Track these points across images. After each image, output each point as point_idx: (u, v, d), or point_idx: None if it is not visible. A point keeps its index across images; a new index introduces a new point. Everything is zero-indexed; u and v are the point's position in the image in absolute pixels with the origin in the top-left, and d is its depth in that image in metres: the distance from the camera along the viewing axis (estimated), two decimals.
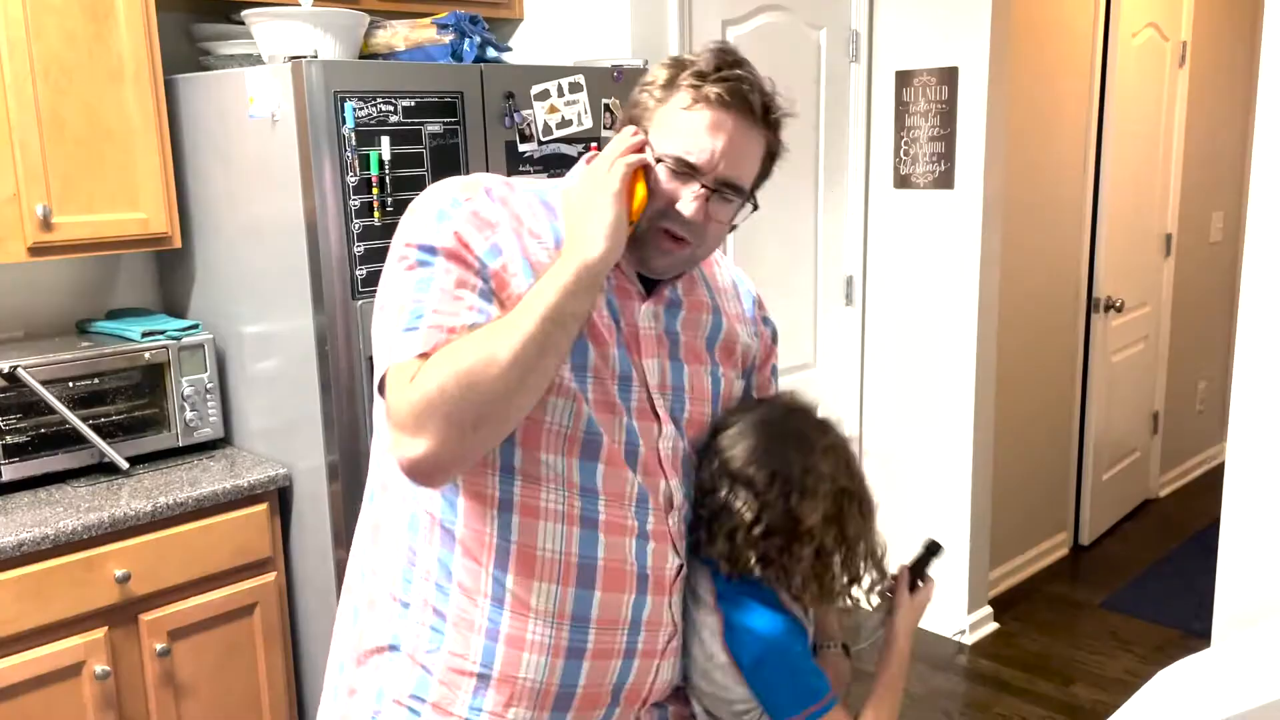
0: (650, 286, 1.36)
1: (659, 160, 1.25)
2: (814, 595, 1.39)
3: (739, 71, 1.27)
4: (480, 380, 1.13)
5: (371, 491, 1.39)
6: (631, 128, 1.27)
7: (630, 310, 1.34)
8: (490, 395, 1.14)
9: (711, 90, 1.24)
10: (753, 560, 1.35)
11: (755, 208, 1.35)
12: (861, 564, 1.43)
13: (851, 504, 1.40)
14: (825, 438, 1.42)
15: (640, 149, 1.24)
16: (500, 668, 1.29)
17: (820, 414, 1.47)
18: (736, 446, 1.37)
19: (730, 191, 1.29)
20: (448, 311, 1.19)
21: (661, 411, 1.35)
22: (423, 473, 1.17)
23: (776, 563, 1.35)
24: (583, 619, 1.29)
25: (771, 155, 1.35)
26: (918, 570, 1.57)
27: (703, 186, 1.26)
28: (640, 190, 1.23)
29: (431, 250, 1.22)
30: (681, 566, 1.38)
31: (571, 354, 1.25)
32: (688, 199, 1.26)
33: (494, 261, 1.24)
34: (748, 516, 1.34)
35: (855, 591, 1.46)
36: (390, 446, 1.19)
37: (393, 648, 1.34)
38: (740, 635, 1.37)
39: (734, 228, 1.37)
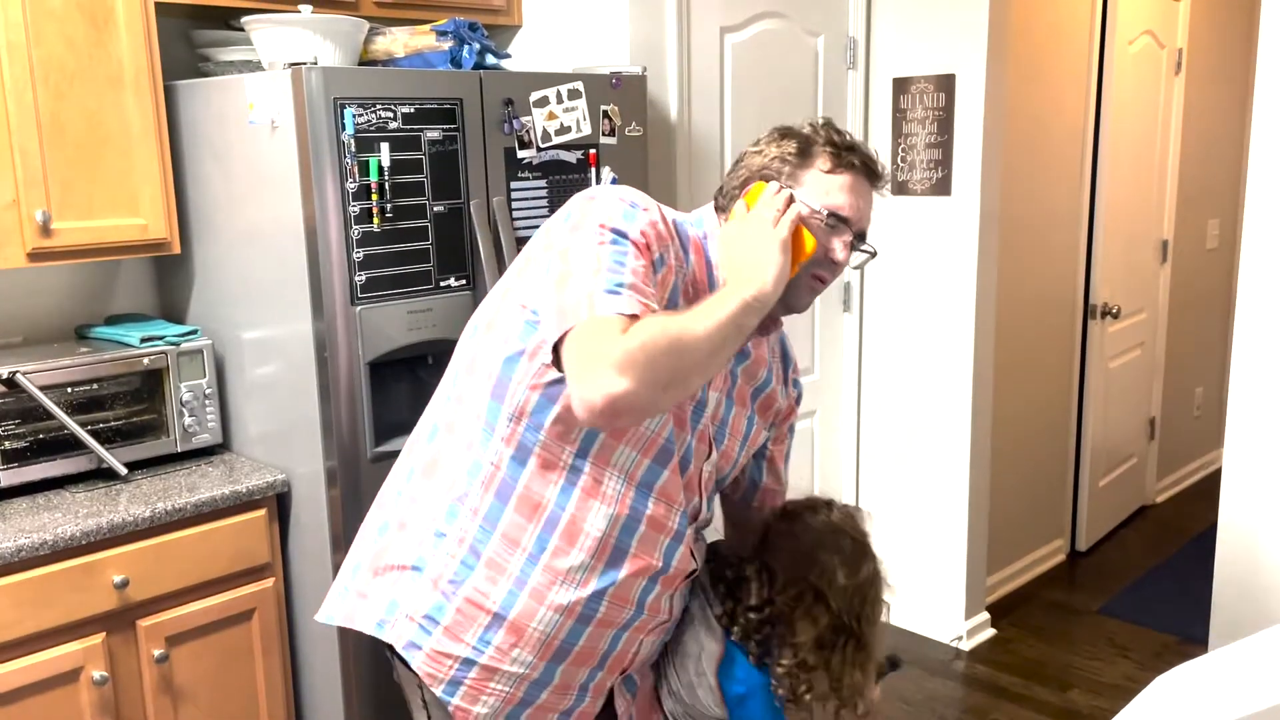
0: None
1: (814, 214, 1.46)
2: (783, 691, 1.55)
3: (860, 146, 1.51)
4: (682, 348, 1.28)
5: (434, 428, 1.53)
6: (774, 184, 1.47)
7: None
8: (687, 362, 1.30)
9: (852, 159, 1.48)
10: (740, 634, 1.54)
11: (875, 254, 1.57)
12: (835, 691, 1.55)
13: (847, 642, 1.53)
14: (856, 576, 1.56)
15: (789, 201, 1.44)
16: (516, 614, 1.45)
17: (869, 548, 1.61)
18: (782, 537, 1.56)
19: (862, 240, 1.53)
20: (644, 289, 1.33)
21: (714, 435, 1.55)
22: (616, 410, 1.27)
23: (761, 646, 1.53)
24: (601, 592, 1.47)
25: None
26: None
27: (850, 237, 1.49)
28: (810, 242, 1.44)
29: (624, 236, 1.35)
30: (695, 570, 1.58)
31: None
32: (840, 248, 1.48)
33: (661, 266, 1.40)
34: (752, 601, 1.53)
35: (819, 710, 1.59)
36: (583, 386, 1.27)
37: (415, 569, 1.50)
38: (735, 671, 1.54)
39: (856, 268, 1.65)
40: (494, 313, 1.47)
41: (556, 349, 1.33)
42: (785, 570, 1.54)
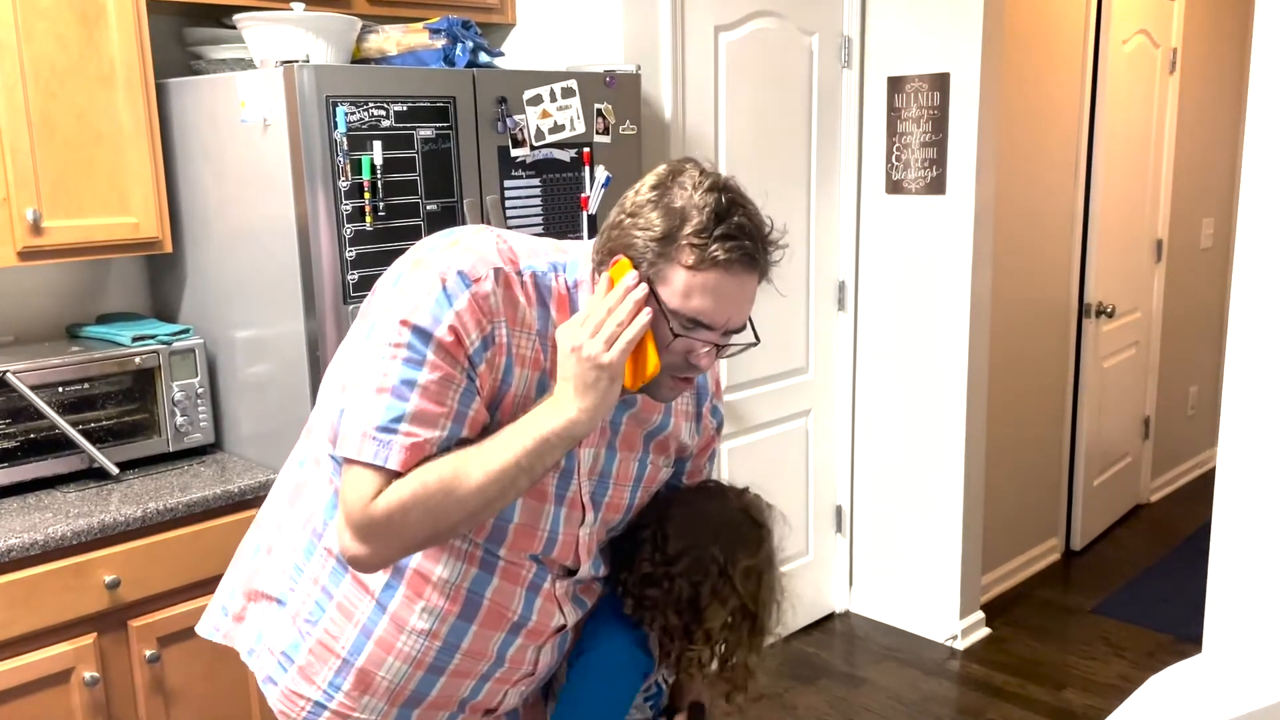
0: None
1: (670, 314, 1.25)
2: (672, 663, 1.49)
3: (738, 220, 1.24)
4: (441, 512, 1.22)
5: (302, 458, 1.46)
6: (633, 274, 1.24)
7: None
8: (447, 525, 1.25)
9: (718, 253, 1.22)
10: (636, 608, 1.46)
11: (758, 342, 1.38)
12: (724, 668, 1.51)
13: (744, 623, 1.48)
14: (755, 557, 1.48)
15: (642, 305, 1.23)
16: (364, 661, 1.39)
17: (767, 528, 1.52)
18: (678, 519, 1.46)
19: (734, 334, 1.32)
20: (425, 422, 1.22)
21: (588, 500, 1.41)
22: (360, 568, 1.29)
23: (662, 626, 1.46)
24: (453, 645, 1.39)
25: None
26: None
27: (715, 342, 1.29)
28: (653, 361, 1.26)
29: (426, 339, 1.22)
30: (564, 626, 1.47)
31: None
32: (700, 353, 1.29)
33: (482, 356, 1.25)
34: (645, 569, 1.44)
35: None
36: (335, 529, 1.30)
37: (279, 602, 1.45)
38: (583, 643, 1.48)
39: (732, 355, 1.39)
40: (341, 353, 1.38)
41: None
42: (685, 537, 1.45)
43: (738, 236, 1.23)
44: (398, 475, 1.23)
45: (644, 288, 1.24)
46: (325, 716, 1.43)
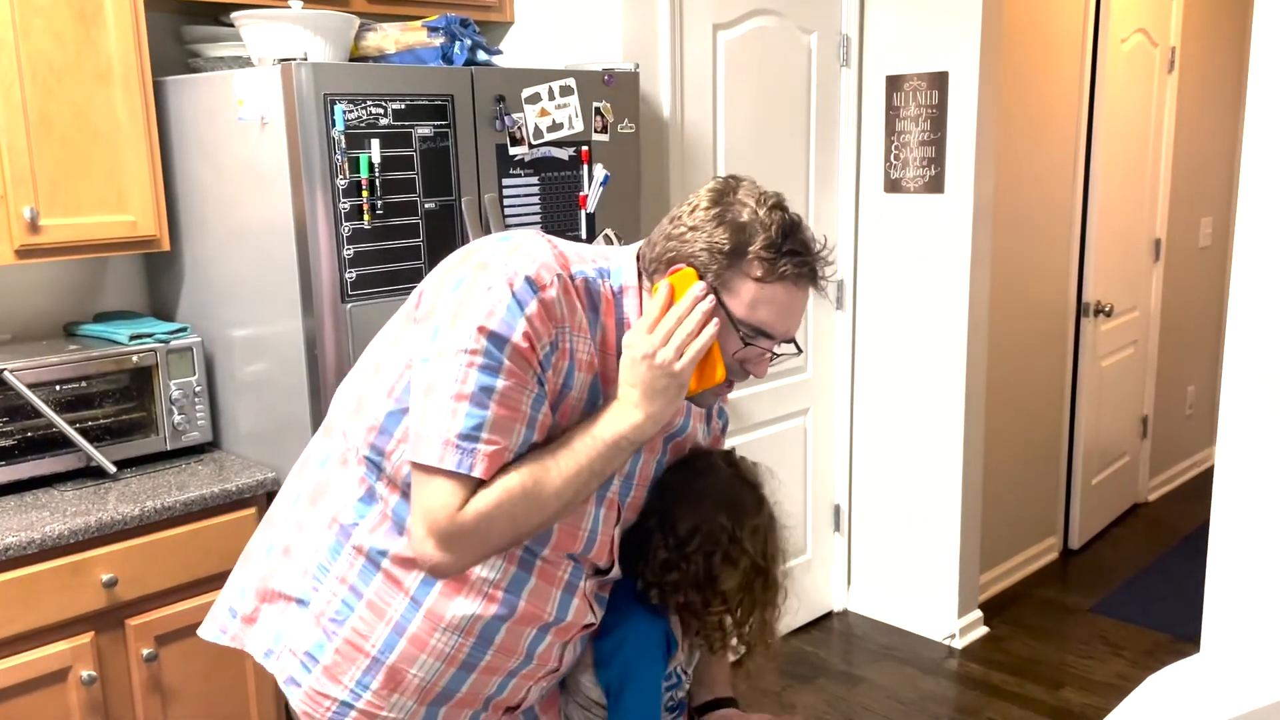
0: None
1: (737, 323, 1.33)
2: (697, 637, 1.54)
3: (803, 238, 1.34)
4: (525, 517, 1.27)
5: (323, 457, 1.45)
6: (701, 285, 1.31)
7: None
8: (528, 529, 1.30)
9: (787, 268, 1.32)
10: (660, 595, 1.49)
11: (800, 351, 1.47)
12: (743, 631, 1.55)
13: (757, 580, 1.51)
14: (758, 517, 1.52)
15: (711, 316, 1.31)
16: (395, 659, 1.39)
17: (764, 491, 1.57)
18: (681, 503, 1.49)
19: (787, 344, 1.40)
20: (504, 429, 1.26)
21: (616, 498, 1.45)
22: (439, 574, 1.32)
23: (681, 603, 1.50)
24: (486, 642, 1.40)
25: None
26: None
27: (769, 350, 1.37)
28: (720, 372, 1.34)
29: (502, 345, 1.25)
30: (592, 624, 1.50)
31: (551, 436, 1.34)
32: (759, 363, 1.38)
33: (550, 361, 1.30)
34: (661, 556, 1.48)
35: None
36: (413, 539, 1.29)
37: (300, 602, 1.44)
38: (607, 629, 1.51)
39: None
40: (381, 356, 1.40)
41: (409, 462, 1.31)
42: (691, 517, 1.49)
43: (803, 253, 1.33)
44: (481, 483, 1.26)
45: (711, 299, 1.31)
46: (352, 716, 1.42)
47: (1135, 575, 4.14)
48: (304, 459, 1.51)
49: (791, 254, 1.32)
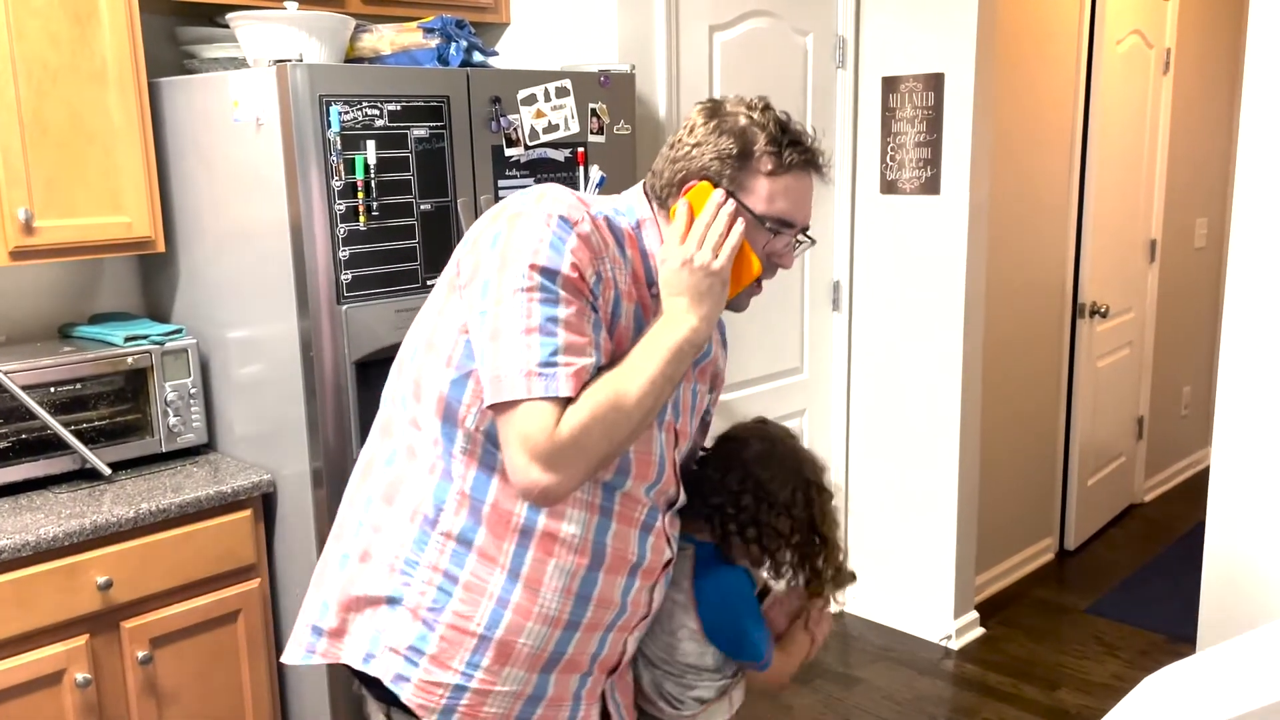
0: None
1: (760, 219, 1.43)
2: (804, 579, 1.69)
3: (798, 129, 1.46)
4: (616, 426, 1.31)
5: (389, 456, 1.48)
6: (719, 192, 1.41)
7: None
8: (621, 440, 1.33)
9: (793, 157, 1.44)
10: (780, 561, 1.65)
11: (814, 243, 1.58)
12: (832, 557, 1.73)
13: (821, 540, 1.69)
14: (820, 475, 1.72)
15: (735, 216, 1.40)
16: (503, 633, 1.42)
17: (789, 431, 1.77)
18: (775, 476, 1.64)
19: (807, 236, 1.51)
20: (577, 351, 1.32)
21: (673, 422, 1.52)
22: (549, 500, 1.34)
23: (781, 558, 1.66)
24: (586, 596, 1.45)
25: None
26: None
27: (796, 239, 1.48)
28: (755, 265, 1.43)
29: (554, 276, 1.32)
30: (669, 561, 1.56)
31: None
32: (786, 254, 1.48)
33: (599, 288, 1.37)
34: (784, 528, 1.63)
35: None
36: (516, 473, 1.32)
37: (391, 601, 1.45)
38: (708, 582, 1.63)
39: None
40: (432, 331, 1.43)
41: (491, 409, 1.34)
42: (786, 483, 1.64)
43: (803, 142, 1.45)
44: (569, 403, 1.30)
45: (732, 202, 1.41)
46: (466, 698, 1.44)
47: (1131, 576, 4.15)
48: (365, 465, 1.53)
49: (794, 144, 1.43)
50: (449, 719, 1.45)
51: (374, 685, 1.49)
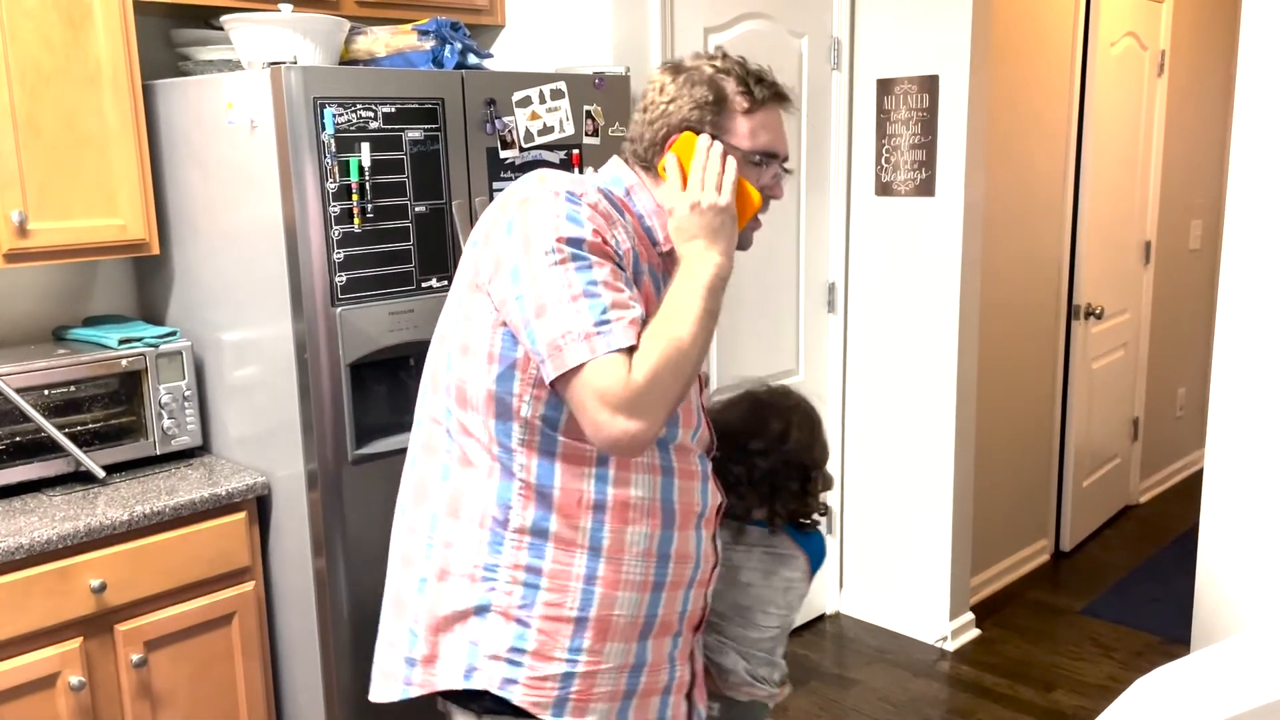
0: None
1: (747, 155, 1.49)
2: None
3: (759, 68, 1.53)
4: (680, 365, 1.33)
5: (442, 472, 1.50)
6: (705, 137, 1.47)
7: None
8: (687, 379, 1.36)
9: (764, 93, 1.51)
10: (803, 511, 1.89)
11: (792, 171, 1.68)
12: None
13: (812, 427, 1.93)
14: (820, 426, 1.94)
15: (726, 153, 1.47)
16: (597, 609, 1.46)
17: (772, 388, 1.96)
18: (800, 423, 1.85)
19: (787, 163, 1.58)
20: (624, 305, 1.35)
21: (700, 372, 1.57)
22: (632, 446, 1.34)
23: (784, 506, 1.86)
24: (665, 555, 1.50)
25: None
26: None
27: (781, 168, 1.55)
28: (756, 196, 1.50)
29: (580, 244, 1.36)
30: (723, 504, 1.62)
31: None
32: (777, 185, 1.55)
33: (619, 253, 1.41)
34: (794, 486, 1.83)
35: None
36: (602, 430, 1.33)
37: (480, 610, 1.47)
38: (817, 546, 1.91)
39: None
40: (464, 336, 1.45)
41: (554, 383, 1.36)
42: (817, 444, 1.87)
43: (768, 77, 1.53)
44: (633, 350, 1.33)
45: (719, 143, 1.47)
46: (576, 683, 1.47)
47: (1126, 577, 4.15)
48: (416, 488, 1.54)
49: (761, 81, 1.51)
50: (563, 709, 1.47)
51: (471, 698, 1.49)
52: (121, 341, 2.43)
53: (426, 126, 2.31)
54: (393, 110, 2.25)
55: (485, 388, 1.42)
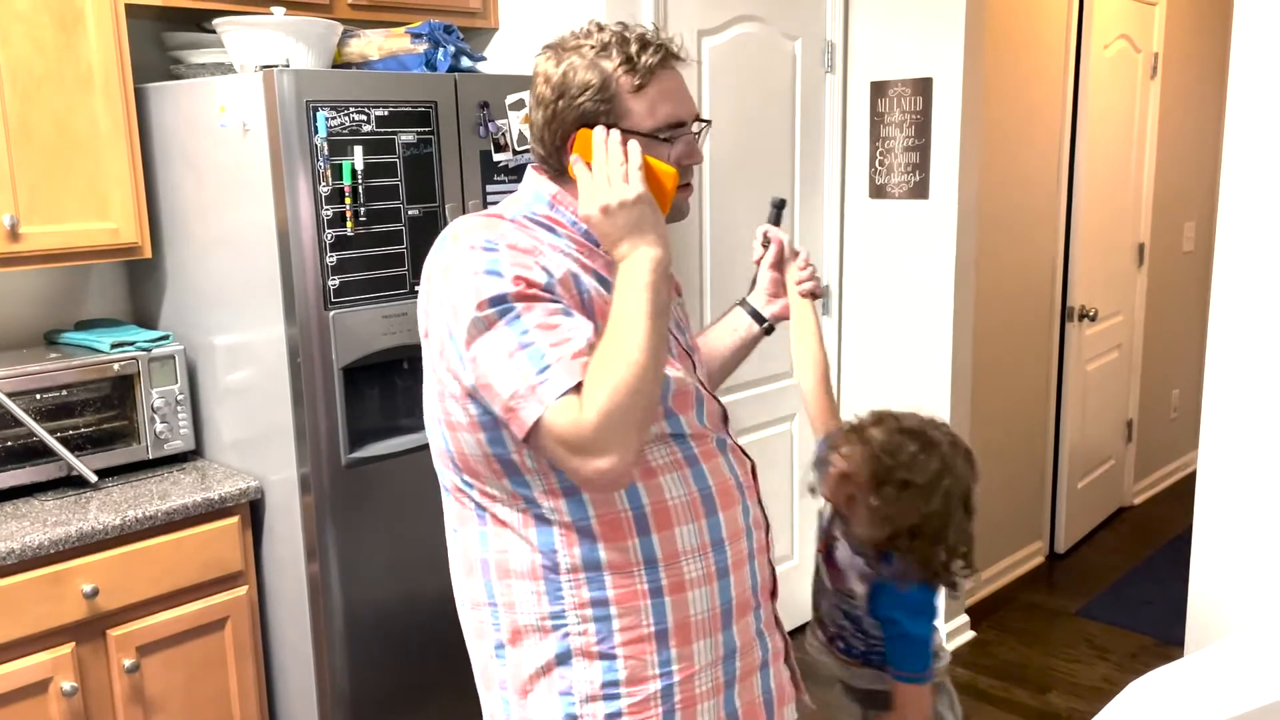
0: None
1: (652, 135, 1.41)
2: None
3: (640, 33, 1.43)
4: (638, 383, 1.27)
5: (481, 535, 1.47)
6: (599, 130, 1.38)
7: None
8: (649, 393, 1.30)
9: (650, 61, 1.41)
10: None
11: (709, 123, 1.53)
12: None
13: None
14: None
15: (624, 140, 1.37)
16: (673, 617, 1.43)
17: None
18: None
19: (702, 122, 1.49)
20: (562, 341, 1.30)
21: (688, 342, 1.56)
22: (613, 481, 1.31)
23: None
24: (718, 541, 1.47)
25: None
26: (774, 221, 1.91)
27: (692, 133, 1.46)
28: (669, 173, 1.40)
29: (504, 299, 1.31)
30: (754, 464, 1.58)
31: None
32: (694, 151, 1.47)
33: (553, 282, 1.35)
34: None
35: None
36: (578, 476, 1.31)
37: (561, 659, 1.44)
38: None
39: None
40: (444, 413, 1.42)
41: (526, 443, 1.34)
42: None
43: (651, 41, 1.42)
44: (580, 386, 1.29)
45: (615, 132, 1.38)
46: (676, 694, 1.45)
47: (1120, 579, 4.15)
48: (464, 559, 1.50)
49: (643, 49, 1.40)
50: None
51: None
52: (114, 345, 2.42)
53: (419, 130, 2.31)
54: (385, 113, 2.24)
55: (483, 454, 1.40)
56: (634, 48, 1.40)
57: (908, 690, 1.81)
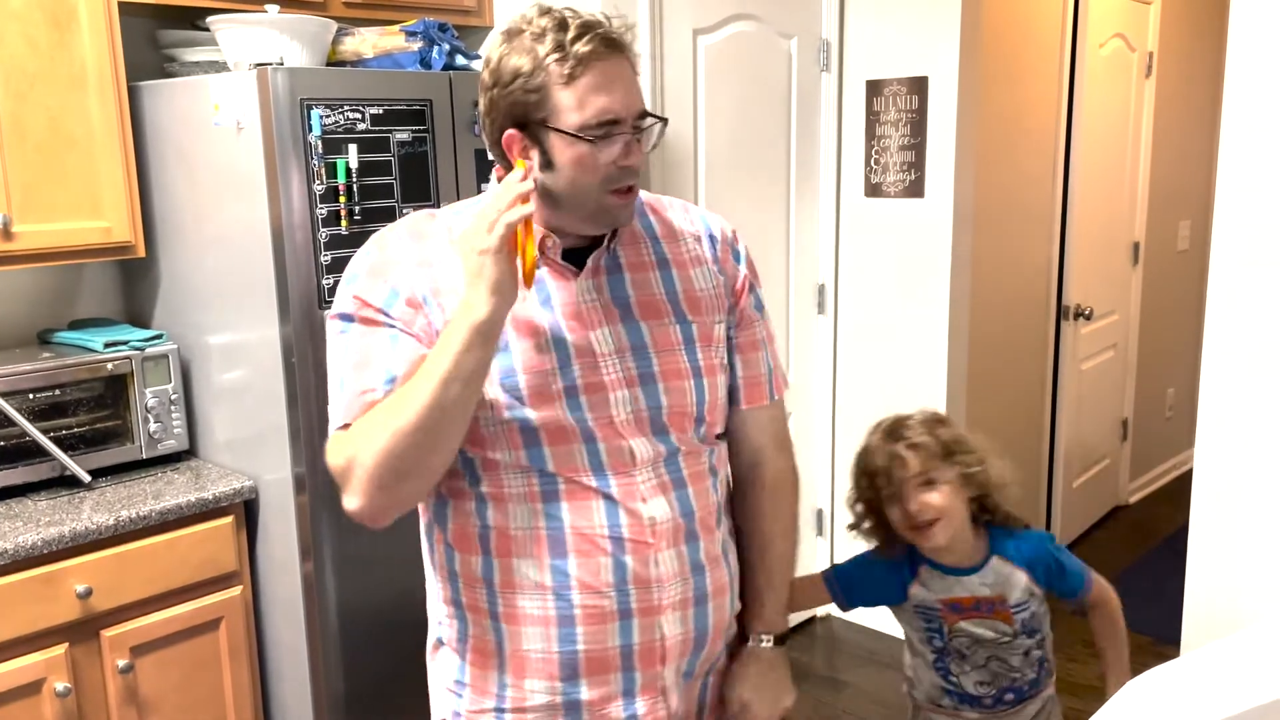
0: (582, 262, 1.39)
1: (580, 132, 1.27)
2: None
3: (581, 21, 1.29)
4: (394, 448, 1.24)
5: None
6: (516, 172, 1.27)
7: (570, 291, 1.38)
8: (404, 458, 1.25)
9: (581, 49, 1.26)
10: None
11: (666, 122, 1.37)
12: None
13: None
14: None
15: (526, 198, 1.24)
16: (510, 646, 1.40)
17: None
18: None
19: (644, 120, 1.32)
20: (357, 379, 1.32)
21: (612, 376, 1.36)
22: (366, 520, 1.31)
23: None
24: (563, 587, 1.35)
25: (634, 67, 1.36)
26: None
27: (630, 132, 1.30)
28: (530, 253, 1.25)
29: (347, 318, 1.35)
30: (675, 521, 1.39)
31: (497, 365, 1.32)
32: (631, 152, 1.30)
33: (396, 301, 1.33)
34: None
35: None
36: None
37: (439, 641, 1.50)
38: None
39: (654, 148, 1.39)
40: None
41: None
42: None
43: (588, 29, 1.27)
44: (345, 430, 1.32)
45: (530, 182, 1.25)
46: (508, 718, 1.44)
47: (1116, 578, 4.11)
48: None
49: (577, 37, 1.26)
50: None
51: None
52: (107, 345, 2.41)
53: (414, 128, 2.30)
54: (380, 111, 2.24)
55: None
56: (570, 34, 1.26)
57: (1104, 587, 2.06)
